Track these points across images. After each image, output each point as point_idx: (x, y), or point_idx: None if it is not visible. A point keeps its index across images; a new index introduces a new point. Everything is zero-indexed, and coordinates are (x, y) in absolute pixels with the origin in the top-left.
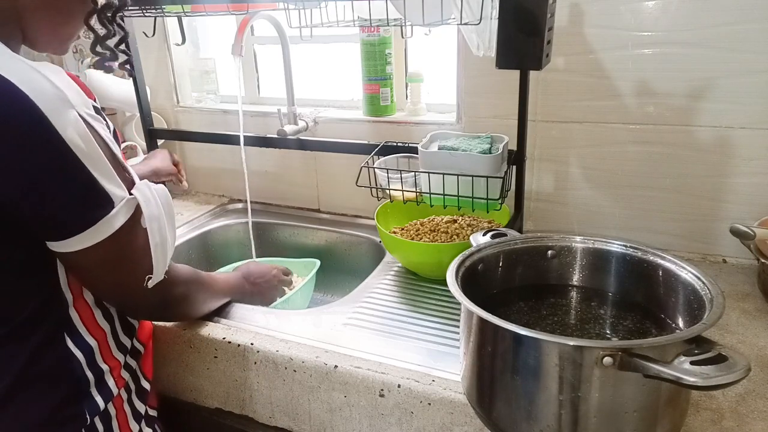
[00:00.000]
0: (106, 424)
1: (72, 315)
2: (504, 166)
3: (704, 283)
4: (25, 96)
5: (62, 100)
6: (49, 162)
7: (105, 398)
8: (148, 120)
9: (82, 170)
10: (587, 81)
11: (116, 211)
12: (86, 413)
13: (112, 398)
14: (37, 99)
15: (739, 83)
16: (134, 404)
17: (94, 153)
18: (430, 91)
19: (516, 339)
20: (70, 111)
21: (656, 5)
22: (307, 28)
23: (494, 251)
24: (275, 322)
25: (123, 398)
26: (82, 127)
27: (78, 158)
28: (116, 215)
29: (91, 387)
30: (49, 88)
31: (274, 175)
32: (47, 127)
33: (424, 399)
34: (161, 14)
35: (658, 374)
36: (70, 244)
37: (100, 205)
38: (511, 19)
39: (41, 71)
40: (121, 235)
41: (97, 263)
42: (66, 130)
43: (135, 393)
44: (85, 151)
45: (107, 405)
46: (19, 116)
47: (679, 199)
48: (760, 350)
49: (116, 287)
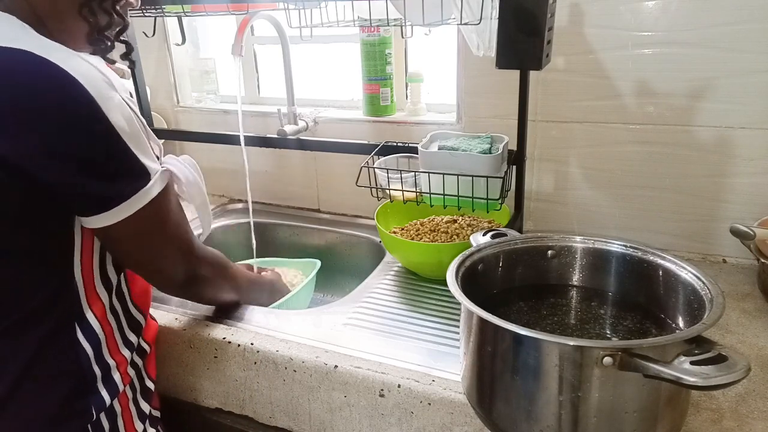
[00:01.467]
0: (111, 422)
1: (84, 306)
2: (504, 166)
3: (704, 283)
4: (77, 82)
5: (109, 84)
6: (98, 142)
7: (111, 394)
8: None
9: (125, 148)
10: (587, 81)
11: (153, 182)
12: (92, 408)
13: (118, 394)
14: (88, 85)
15: (739, 83)
16: (139, 404)
17: (135, 132)
18: (430, 91)
19: (516, 339)
20: (114, 95)
21: (656, 5)
22: (307, 28)
23: (494, 251)
24: (275, 322)
25: (128, 396)
26: (126, 109)
27: (122, 138)
28: (153, 186)
29: (98, 381)
30: (97, 75)
31: (274, 175)
32: (97, 110)
33: (424, 399)
34: (161, 14)
35: (658, 374)
36: (113, 216)
37: (140, 177)
38: (511, 19)
39: (87, 59)
40: (156, 204)
41: (135, 232)
42: (112, 112)
43: (140, 392)
44: (127, 131)
45: (113, 401)
46: (73, 101)
47: (679, 199)
48: (760, 350)
49: (151, 256)
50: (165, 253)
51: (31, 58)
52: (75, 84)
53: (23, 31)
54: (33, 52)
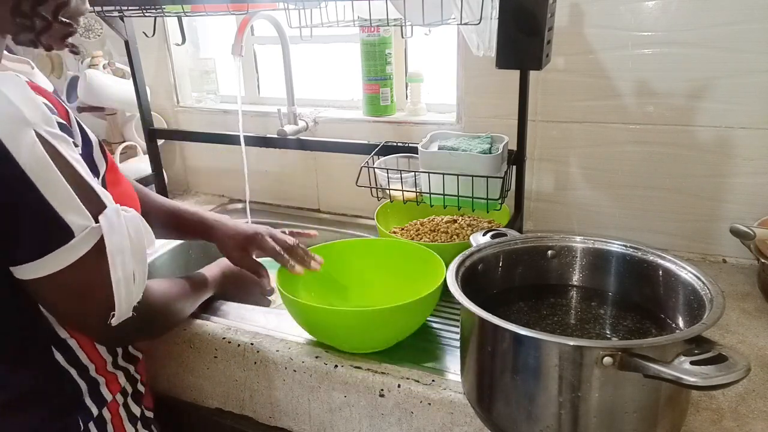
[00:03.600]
0: (101, 429)
1: (59, 331)
2: (504, 166)
3: (704, 283)
4: None
5: (18, 120)
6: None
7: (99, 405)
8: (148, 120)
9: (38, 197)
10: (587, 81)
11: (76, 241)
12: (79, 421)
13: (107, 404)
14: None
15: (739, 83)
16: (129, 407)
17: (52, 179)
18: (430, 91)
19: (516, 339)
20: (26, 132)
21: (656, 5)
22: (307, 28)
23: (494, 251)
24: (275, 322)
25: (119, 402)
26: (39, 150)
27: (33, 183)
28: (76, 245)
29: (84, 396)
30: (3, 107)
31: (274, 175)
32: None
33: (424, 399)
34: (161, 14)
35: (658, 374)
36: (27, 271)
37: (56, 235)
38: (511, 19)
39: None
40: (82, 266)
41: (56, 293)
42: (20, 154)
43: (131, 396)
44: (40, 176)
45: (101, 411)
46: None
47: (679, 199)
48: (760, 350)
49: (78, 319)
50: (95, 318)
51: None
52: None
53: None
54: None
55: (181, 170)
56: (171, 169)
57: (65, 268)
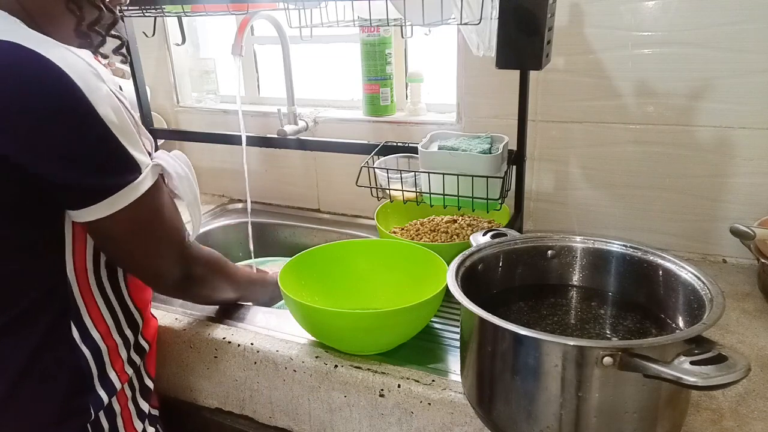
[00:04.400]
0: (111, 422)
1: (79, 304)
2: (504, 166)
3: (704, 283)
4: (63, 73)
5: (96, 76)
6: (86, 133)
7: (108, 392)
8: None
9: (114, 140)
10: (587, 81)
11: (143, 176)
12: (90, 407)
13: (116, 393)
14: (75, 75)
15: (739, 83)
16: (138, 403)
17: (124, 124)
18: (430, 91)
19: (516, 339)
20: (102, 86)
21: (656, 5)
22: (307, 28)
23: (494, 251)
24: (275, 322)
25: (127, 396)
26: (114, 101)
27: (110, 129)
28: (143, 180)
29: (95, 380)
30: (84, 66)
31: (274, 175)
32: (84, 101)
33: (424, 399)
34: (161, 14)
35: (658, 374)
36: (101, 210)
37: (130, 170)
38: (511, 19)
39: (75, 51)
40: (148, 199)
41: (127, 228)
42: (100, 103)
43: (139, 391)
44: (116, 123)
45: (111, 400)
46: (59, 92)
47: (679, 199)
48: (760, 350)
49: (144, 253)
50: (157, 252)
51: (17, 49)
52: (61, 75)
53: (12, 24)
54: (19, 43)
55: None
56: None
57: (135, 200)
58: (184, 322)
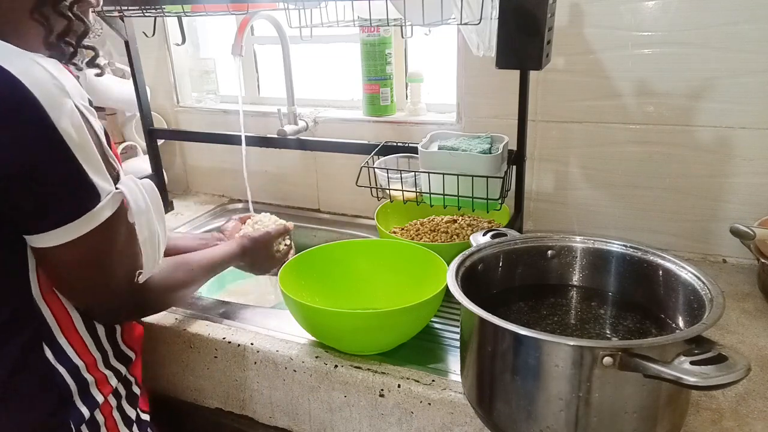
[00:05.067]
0: None
1: (51, 324)
2: (504, 166)
3: (704, 283)
4: (22, 86)
5: (59, 89)
6: (41, 151)
7: (90, 407)
8: (148, 120)
9: (73, 161)
10: (587, 81)
11: (102, 205)
12: (71, 423)
13: (99, 406)
14: (34, 88)
15: (739, 83)
16: (124, 410)
17: (86, 144)
18: (430, 91)
19: (516, 339)
20: (66, 101)
21: (656, 5)
22: (307, 28)
23: (494, 251)
24: (275, 322)
25: (112, 405)
26: (77, 117)
27: (69, 149)
28: (102, 208)
29: (75, 397)
30: (47, 79)
31: (274, 175)
32: (43, 116)
33: (424, 399)
34: (161, 14)
35: (658, 374)
36: (53, 237)
37: (87, 197)
38: (511, 19)
39: (40, 62)
40: (105, 229)
41: (78, 259)
42: (60, 120)
43: (125, 399)
44: (77, 141)
45: (94, 413)
46: (15, 105)
47: (679, 199)
48: (760, 350)
49: (93, 286)
50: (112, 284)
51: None
52: (19, 87)
53: None
54: None
55: (181, 170)
56: (171, 169)
57: (91, 230)
58: (184, 322)
